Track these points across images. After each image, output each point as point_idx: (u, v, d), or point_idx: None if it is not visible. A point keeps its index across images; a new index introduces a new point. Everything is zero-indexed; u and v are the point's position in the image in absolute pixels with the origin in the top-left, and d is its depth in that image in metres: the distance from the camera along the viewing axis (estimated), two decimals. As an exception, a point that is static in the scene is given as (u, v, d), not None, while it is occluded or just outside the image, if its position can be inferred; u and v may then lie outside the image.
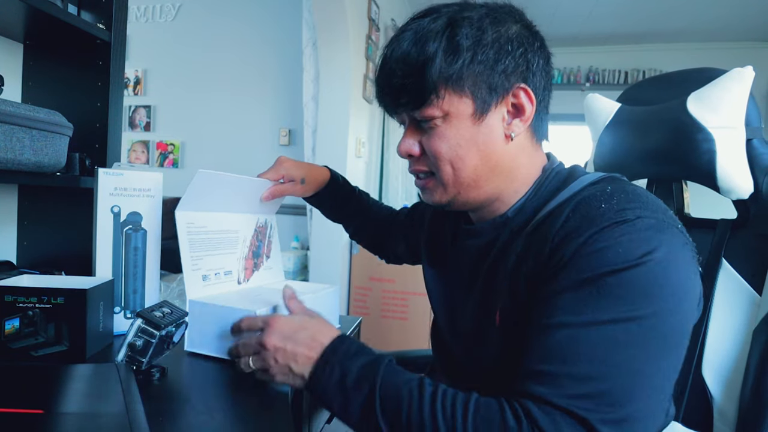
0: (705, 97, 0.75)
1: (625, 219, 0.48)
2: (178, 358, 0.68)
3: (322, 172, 0.93)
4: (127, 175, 0.78)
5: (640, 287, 0.46)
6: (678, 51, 4.12)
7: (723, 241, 0.76)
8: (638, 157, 0.85)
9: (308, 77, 2.70)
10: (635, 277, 0.46)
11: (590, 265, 0.47)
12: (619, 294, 0.46)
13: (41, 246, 1.04)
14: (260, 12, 3.42)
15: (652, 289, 0.46)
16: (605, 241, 0.47)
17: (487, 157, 0.58)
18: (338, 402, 0.52)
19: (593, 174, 0.60)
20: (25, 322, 0.63)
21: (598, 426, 0.43)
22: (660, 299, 0.46)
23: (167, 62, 3.64)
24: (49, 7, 0.84)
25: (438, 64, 0.54)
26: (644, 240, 0.47)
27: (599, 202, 0.51)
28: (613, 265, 0.46)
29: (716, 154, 0.73)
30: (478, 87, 0.56)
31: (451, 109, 0.56)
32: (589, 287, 0.47)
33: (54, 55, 1.01)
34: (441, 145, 0.58)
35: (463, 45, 0.54)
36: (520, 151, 0.60)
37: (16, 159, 0.77)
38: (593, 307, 0.46)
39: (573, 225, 0.51)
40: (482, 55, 0.55)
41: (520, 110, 0.58)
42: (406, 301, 2.70)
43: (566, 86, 4.37)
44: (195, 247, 0.75)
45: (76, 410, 0.43)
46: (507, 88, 0.57)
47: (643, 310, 0.46)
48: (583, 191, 0.55)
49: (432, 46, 0.55)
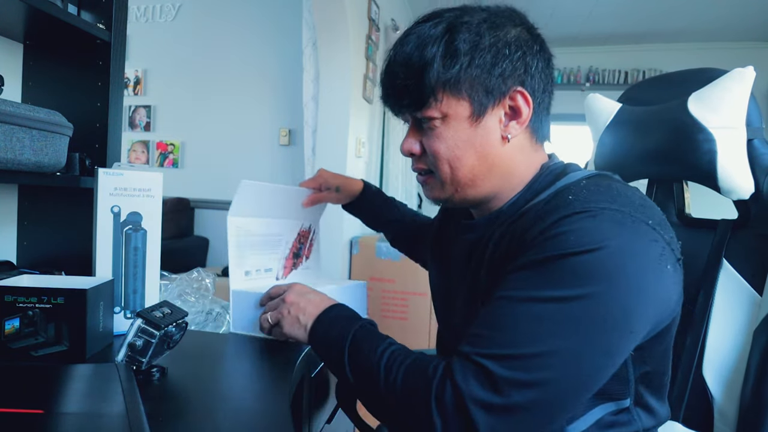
0: (706, 97, 0.75)
1: (588, 209, 0.50)
2: (178, 358, 0.68)
3: (356, 182, 1.01)
4: (127, 175, 0.78)
5: (584, 271, 0.48)
6: (678, 51, 4.12)
7: (723, 241, 0.76)
8: (639, 157, 0.85)
9: (308, 77, 2.70)
10: (582, 262, 0.48)
11: (545, 248, 0.50)
12: (562, 276, 0.48)
13: (41, 246, 1.04)
14: (260, 12, 3.42)
15: (597, 274, 0.48)
16: (564, 227, 0.50)
17: (483, 158, 0.60)
18: (324, 350, 0.63)
19: (585, 171, 0.61)
20: (25, 322, 0.63)
21: (502, 384, 0.46)
22: (603, 284, 0.47)
23: (167, 62, 3.64)
24: (49, 7, 0.84)
25: (436, 69, 0.57)
26: (601, 230, 0.49)
27: (570, 193, 0.54)
28: (564, 249, 0.48)
29: (717, 155, 0.73)
30: (475, 90, 0.58)
31: (450, 111, 0.59)
32: (539, 267, 0.50)
33: (54, 55, 1.01)
34: (439, 146, 0.60)
35: (461, 50, 0.57)
36: (518, 151, 0.62)
37: (16, 159, 0.76)
38: (534, 284, 0.49)
39: (541, 214, 0.54)
40: (479, 60, 0.57)
41: (517, 112, 0.59)
42: (406, 301, 2.69)
43: (566, 86, 4.36)
44: (241, 247, 0.84)
45: (76, 410, 0.43)
46: (504, 91, 0.58)
47: (581, 291, 0.47)
48: (564, 190, 0.57)
49: (431, 50, 0.57)
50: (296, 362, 0.69)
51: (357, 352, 0.58)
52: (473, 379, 0.47)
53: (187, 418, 0.53)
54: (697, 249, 0.79)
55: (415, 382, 0.51)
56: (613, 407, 0.58)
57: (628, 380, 0.57)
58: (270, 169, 3.45)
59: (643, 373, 0.58)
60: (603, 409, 0.57)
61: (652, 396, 0.60)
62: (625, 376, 0.57)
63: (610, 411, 0.57)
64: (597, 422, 0.57)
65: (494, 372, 0.46)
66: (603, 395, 0.56)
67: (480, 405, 0.46)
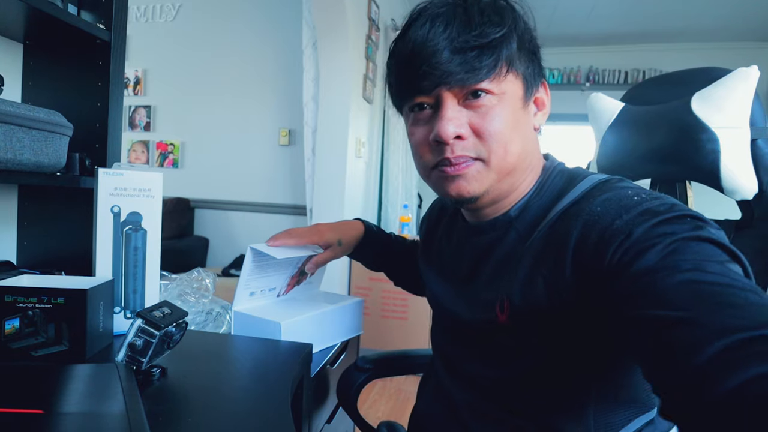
0: (709, 96, 0.75)
1: (670, 202, 0.48)
2: (178, 358, 0.68)
3: (356, 228, 0.92)
4: (127, 175, 0.78)
5: (723, 236, 0.44)
6: (679, 51, 4.12)
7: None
8: (641, 157, 0.85)
9: (308, 77, 2.70)
10: (715, 229, 0.44)
11: (676, 231, 0.43)
12: (718, 241, 0.43)
13: (41, 246, 1.03)
14: (260, 12, 3.42)
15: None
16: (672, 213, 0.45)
17: (525, 145, 0.57)
18: None
19: (600, 174, 0.59)
20: (25, 322, 0.63)
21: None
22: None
23: (167, 62, 3.64)
24: (49, 7, 0.83)
25: (523, 35, 0.54)
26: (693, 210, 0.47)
27: (632, 194, 0.50)
28: (693, 222, 0.44)
29: (720, 154, 0.73)
30: (529, 70, 0.56)
31: (508, 88, 0.55)
32: (692, 241, 0.42)
33: (54, 55, 1.00)
34: (499, 124, 0.54)
35: (521, 26, 0.55)
36: (537, 146, 0.61)
37: (16, 159, 0.76)
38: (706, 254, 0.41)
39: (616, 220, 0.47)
40: (532, 42, 0.56)
41: (541, 104, 0.60)
42: (406, 301, 2.69)
43: (566, 86, 4.36)
44: (255, 272, 0.84)
45: (76, 410, 0.42)
46: (540, 78, 0.58)
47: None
48: (595, 191, 0.54)
49: (516, 15, 0.54)
50: (296, 362, 0.69)
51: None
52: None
53: (187, 418, 0.52)
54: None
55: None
56: (644, 420, 0.57)
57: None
58: (270, 170, 3.45)
59: None
60: (642, 419, 0.57)
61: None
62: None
63: (642, 424, 0.57)
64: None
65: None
66: (636, 402, 0.56)
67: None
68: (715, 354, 0.33)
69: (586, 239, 0.49)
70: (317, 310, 0.86)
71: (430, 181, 0.61)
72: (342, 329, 0.92)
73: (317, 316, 0.85)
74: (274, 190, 3.45)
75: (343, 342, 0.92)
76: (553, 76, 4.40)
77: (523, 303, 0.56)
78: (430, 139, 0.56)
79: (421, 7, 0.56)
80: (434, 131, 0.55)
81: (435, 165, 0.58)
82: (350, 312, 0.94)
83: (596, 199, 0.51)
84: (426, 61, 0.52)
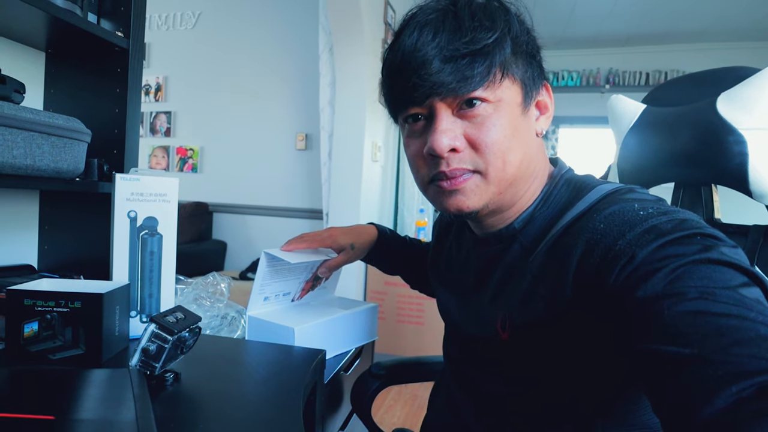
0: (736, 97, 0.72)
1: (678, 218, 0.44)
2: (192, 363, 0.67)
3: (369, 232, 0.91)
4: (144, 180, 0.78)
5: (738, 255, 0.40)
6: (702, 51, 4.03)
7: (756, 248, 0.73)
8: (665, 160, 0.82)
9: (325, 82, 2.71)
10: (729, 247, 0.41)
11: (683, 252, 0.40)
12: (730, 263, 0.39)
13: (61, 250, 1.05)
14: (277, 18, 3.45)
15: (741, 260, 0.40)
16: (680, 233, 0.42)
17: (526, 153, 0.54)
18: None
19: (609, 183, 0.55)
20: (43, 325, 0.64)
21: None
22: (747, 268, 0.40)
23: (187, 69, 3.70)
24: (70, 16, 0.85)
25: (518, 37, 0.51)
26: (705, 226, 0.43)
27: (638, 208, 0.46)
28: (703, 242, 0.41)
29: (748, 157, 0.70)
30: (527, 74, 0.53)
31: (504, 95, 0.52)
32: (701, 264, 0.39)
33: (74, 63, 1.02)
34: (495, 135, 0.51)
35: (516, 28, 0.52)
36: (542, 152, 0.58)
37: (36, 165, 0.78)
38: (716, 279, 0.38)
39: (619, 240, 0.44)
40: (529, 44, 0.53)
41: (543, 107, 0.57)
42: (422, 306, 2.67)
43: (585, 88, 4.30)
44: (268, 277, 0.84)
45: (87, 417, 0.42)
46: (541, 81, 0.55)
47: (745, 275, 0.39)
48: (602, 203, 0.50)
49: (509, 15, 0.52)
50: (309, 368, 0.69)
51: None
52: None
53: (199, 424, 0.52)
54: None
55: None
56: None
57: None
58: (287, 174, 3.47)
59: None
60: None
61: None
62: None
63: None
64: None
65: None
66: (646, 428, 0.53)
67: None
68: (727, 407, 0.31)
69: (587, 259, 0.46)
70: (331, 316, 0.85)
71: (428, 195, 0.58)
72: (356, 335, 0.91)
73: (331, 322, 0.84)
74: (291, 194, 3.47)
75: (357, 348, 0.92)
76: (572, 79, 4.34)
77: (523, 321, 0.54)
78: (424, 152, 0.54)
79: (411, 14, 0.54)
80: (428, 144, 0.52)
81: (431, 179, 0.55)
82: (364, 318, 0.93)
83: (600, 213, 0.48)
84: (416, 72, 0.50)
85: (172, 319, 0.61)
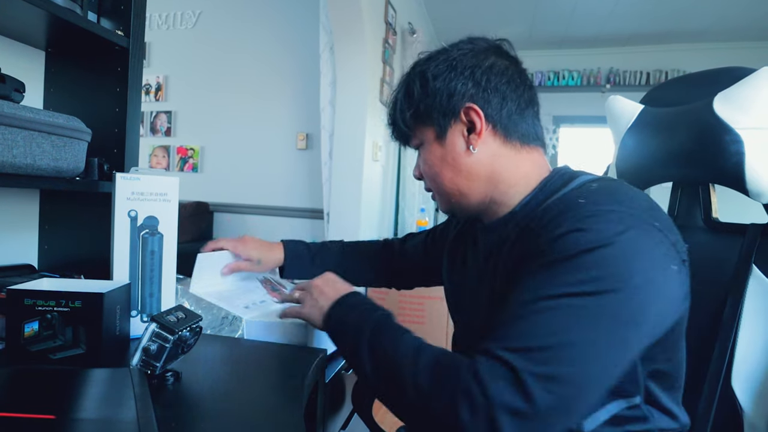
0: (733, 97, 0.72)
1: (597, 211, 0.54)
2: (192, 363, 0.68)
3: (275, 249, 0.99)
4: (144, 179, 0.78)
5: (595, 267, 0.50)
6: (703, 51, 4.02)
7: (753, 246, 0.73)
8: (662, 160, 0.83)
9: (325, 81, 2.71)
10: (593, 258, 0.50)
11: (558, 249, 0.52)
12: (575, 273, 0.51)
13: (61, 249, 1.05)
14: (278, 18, 3.45)
15: (607, 269, 0.50)
16: (575, 228, 0.53)
17: (457, 169, 0.67)
18: (340, 336, 0.65)
19: (593, 175, 0.64)
20: (43, 325, 0.64)
21: (524, 376, 0.47)
22: (613, 279, 0.50)
23: (187, 68, 3.70)
24: (70, 15, 0.85)
25: (401, 108, 0.69)
26: (609, 229, 0.52)
27: (581, 196, 0.57)
28: (576, 248, 0.51)
29: (745, 156, 0.71)
30: (434, 115, 0.66)
31: (423, 137, 0.69)
32: (554, 267, 0.52)
33: (74, 62, 1.02)
34: (424, 167, 0.70)
35: (414, 88, 0.67)
36: (493, 158, 0.66)
37: (36, 164, 0.78)
38: (551, 282, 0.51)
39: (553, 216, 0.57)
40: (430, 91, 0.66)
41: (474, 125, 0.65)
42: (423, 306, 2.67)
43: (585, 88, 4.30)
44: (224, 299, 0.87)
45: (87, 416, 0.43)
46: (457, 110, 0.65)
47: (594, 287, 0.49)
48: (574, 192, 0.60)
49: (397, 95, 0.71)
50: (311, 367, 0.69)
51: (378, 342, 0.59)
52: (501, 380, 0.47)
53: (199, 424, 0.52)
54: (725, 255, 0.76)
55: (442, 380, 0.51)
56: (624, 404, 0.59)
57: (637, 377, 0.59)
58: (287, 174, 3.47)
59: (653, 371, 0.59)
60: (616, 405, 0.59)
61: (666, 396, 0.62)
62: (634, 373, 0.58)
63: (622, 407, 0.59)
64: (611, 419, 0.59)
65: (518, 368, 0.47)
66: (614, 392, 0.58)
67: (508, 411, 0.46)
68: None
69: (524, 243, 0.59)
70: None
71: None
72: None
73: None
74: (292, 194, 3.47)
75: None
76: (573, 78, 4.34)
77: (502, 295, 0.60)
78: None
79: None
80: None
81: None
82: None
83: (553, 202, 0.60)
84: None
85: (173, 318, 0.61)
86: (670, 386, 0.62)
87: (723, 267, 0.76)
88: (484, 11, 3.68)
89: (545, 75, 4.42)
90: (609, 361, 0.50)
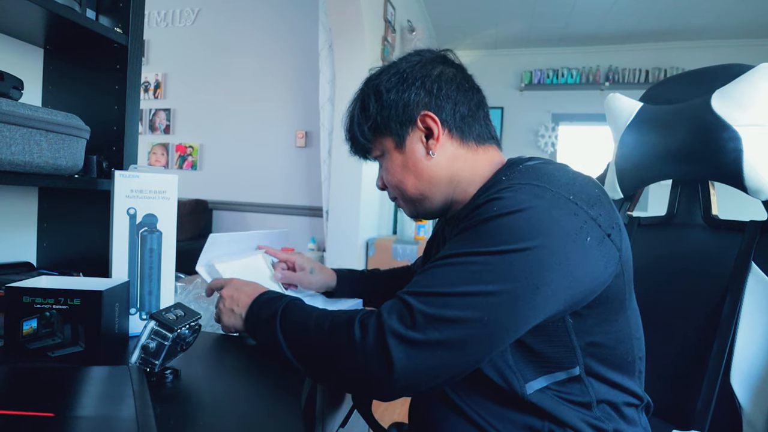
0: (731, 94, 0.72)
1: (512, 185, 0.58)
2: (192, 360, 0.68)
3: (329, 272, 1.02)
4: (143, 177, 0.78)
5: (503, 230, 0.55)
6: (702, 48, 4.02)
7: (752, 243, 0.73)
8: (662, 158, 0.83)
9: (324, 79, 2.71)
10: (502, 222, 0.55)
11: (474, 216, 0.58)
12: (484, 235, 0.55)
13: (60, 247, 1.05)
14: (277, 15, 3.44)
15: (515, 232, 0.54)
16: (496, 195, 0.57)
17: (419, 175, 0.71)
18: (260, 332, 0.68)
19: (539, 159, 0.67)
20: (42, 322, 0.64)
21: (416, 313, 0.53)
22: (520, 241, 0.53)
23: (186, 66, 3.70)
24: (69, 12, 0.85)
25: (359, 122, 0.72)
26: (521, 198, 0.56)
27: (505, 175, 0.63)
28: (488, 214, 0.56)
29: (743, 153, 0.71)
30: (391, 126, 0.70)
31: (383, 147, 0.72)
32: (467, 232, 0.58)
33: (73, 60, 1.02)
34: (387, 176, 0.74)
35: (370, 101, 0.70)
36: (452, 160, 0.70)
37: (34, 162, 0.78)
38: (462, 245, 0.57)
39: (481, 193, 0.64)
40: (385, 103, 0.69)
41: (431, 131, 0.69)
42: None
43: (585, 86, 4.30)
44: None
45: (86, 414, 0.43)
46: (413, 119, 0.69)
47: (500, 247, 0.54)
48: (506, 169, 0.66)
49: (353, 110, 0.74)
50: (309, 366, 0.69)
51: (288, 323, 0.64)
52: (396, 313, 0.54)
53: (198, 422, 0.52)
54: (724, 252, 0.76)
55: (343, 320, 0.58)
56: (563, 375, 0.61)
57: (574, 349, 0.61)
58: (286, 171, 3.47)
59: (590, 344, 0.61)
60: (555, 375, 0.61)
61: (610, 370, 0.63)
62: (569, 344, 0.60)
63: (562, 378, 0.62)
64: (552, 384, 0.62)
65: (414, 307, 0.53)
66: (552, 363, 0.61)
67: (397, 336, 0.53)
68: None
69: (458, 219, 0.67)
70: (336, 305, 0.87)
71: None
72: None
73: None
74: (291, 191, 3.47)
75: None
76: (572, 76, 4.34)
77: None
78: None
79: None
80: None
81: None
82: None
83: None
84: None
85: (172, 316, 0.61)
86: (613, 359, 0.63)
87: (722, 264, 0.76)
88: (482, 9, 3.67)
89: (544, 73, 4.41)
90: (501, 315, 0.53)
